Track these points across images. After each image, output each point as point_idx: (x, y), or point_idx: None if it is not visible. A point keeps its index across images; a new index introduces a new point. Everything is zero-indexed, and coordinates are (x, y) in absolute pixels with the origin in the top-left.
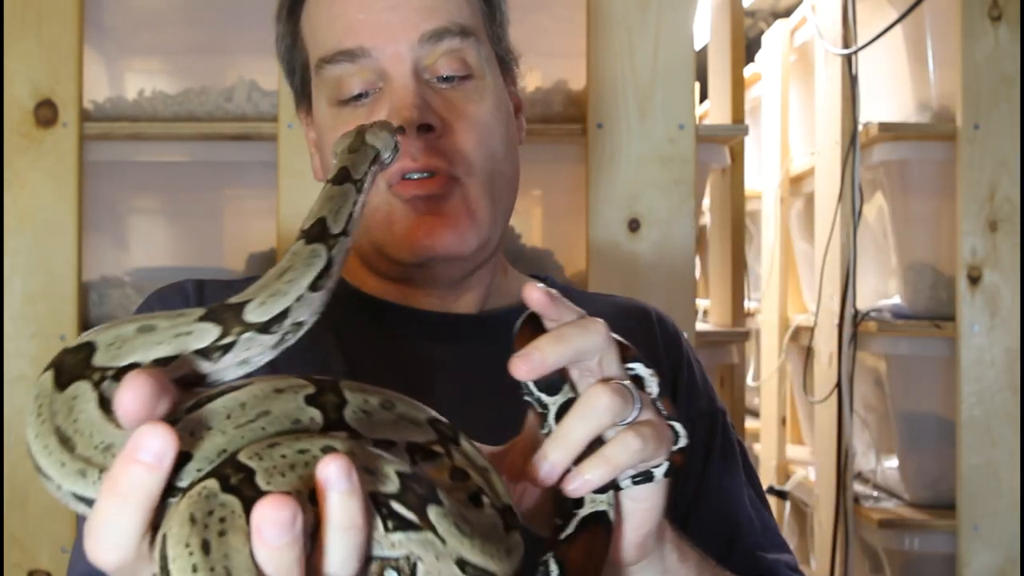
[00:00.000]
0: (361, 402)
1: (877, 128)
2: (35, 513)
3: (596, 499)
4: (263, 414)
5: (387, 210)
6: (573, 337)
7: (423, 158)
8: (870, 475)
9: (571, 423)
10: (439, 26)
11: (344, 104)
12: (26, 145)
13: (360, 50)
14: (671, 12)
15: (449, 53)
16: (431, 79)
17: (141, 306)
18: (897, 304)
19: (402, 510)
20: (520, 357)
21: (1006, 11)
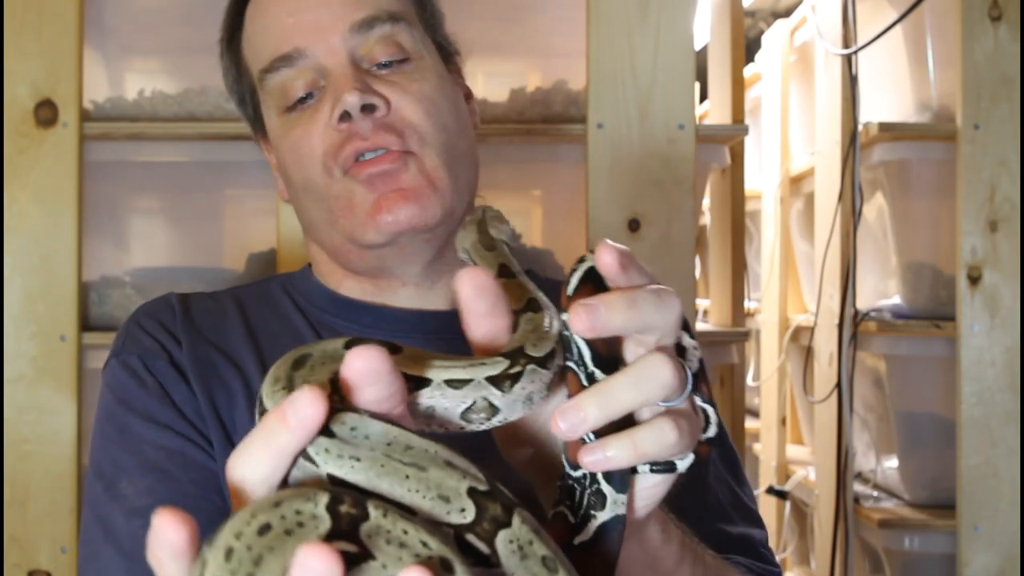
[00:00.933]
0: (524, 541)
1: (877, 128)
2: (35, 513)
3: (618, 500)
4: (417, 467)
5: (347, 196)
6: (646, 306)
7: (373, 136)
8: (870, 475)
9: (621, 385)
10: (368, 15)
11: (291, 110)
12: (26, 145)
13: (296, 52)
14: (671, 12)
15: (383, 39)
16: (370, 67)
17: (129, 321)
18: (897, 304)
19: None
20: (584, 306)
21: (1006, 11)
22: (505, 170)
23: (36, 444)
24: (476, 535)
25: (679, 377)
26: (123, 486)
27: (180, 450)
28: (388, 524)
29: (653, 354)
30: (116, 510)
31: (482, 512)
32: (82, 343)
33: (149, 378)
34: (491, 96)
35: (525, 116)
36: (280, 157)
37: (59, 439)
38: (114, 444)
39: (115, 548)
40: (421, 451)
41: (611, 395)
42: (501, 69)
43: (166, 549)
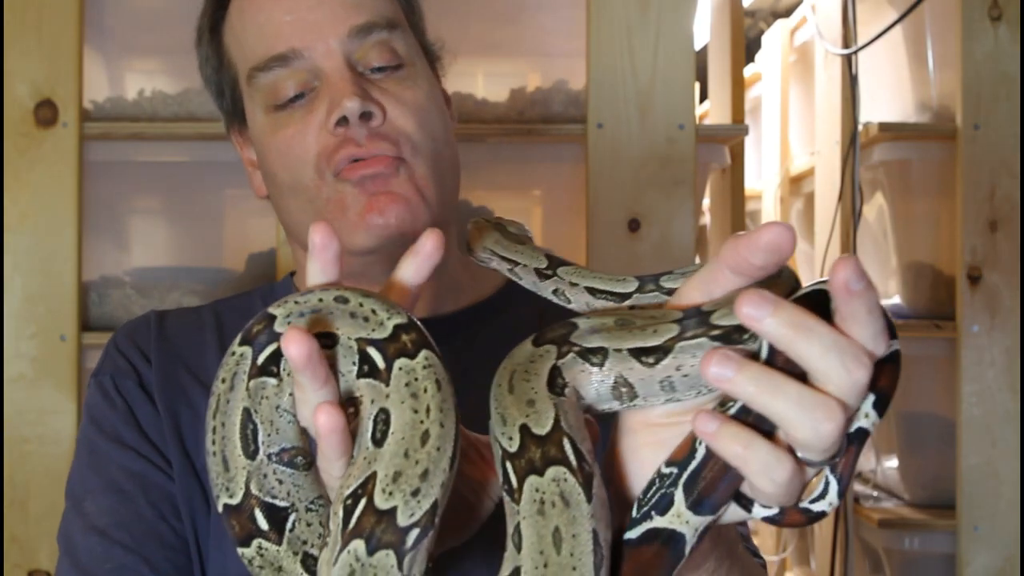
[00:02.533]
0: (550, 494)
1: (877, 128)
2: (35, 513)
3: (683, 515)
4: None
5: (339, 198)
6: (817, 335)
7: (368, 144)
8: (870, 475)
9: (789, 388)
10: (366, 20)
11: (281, 108)
12: (26, 145)
13: (292, 52)
14: (671, 12)
15: (379, 44)
16: (364, 71)
17: (111, 339)
18: (897, 304)
19: None
20: (754, 297)
21: (1006, 11)
22: (505, 170)
23: (36, 444)
24: (512, 465)
25: (837, 439)
26: (87, 504)
27: (141, 472)
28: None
29: (829, 399)
30: (78, 527)
31: (524, 449)
32: (82, 343)
33: (118, 399)
34: (491, 96)
35: (525, 116)
36: (264, 155)
37: (59, 439)
38: (85, 463)
39: (72, 561)
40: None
41: (773, 384)
42: (501, 69)
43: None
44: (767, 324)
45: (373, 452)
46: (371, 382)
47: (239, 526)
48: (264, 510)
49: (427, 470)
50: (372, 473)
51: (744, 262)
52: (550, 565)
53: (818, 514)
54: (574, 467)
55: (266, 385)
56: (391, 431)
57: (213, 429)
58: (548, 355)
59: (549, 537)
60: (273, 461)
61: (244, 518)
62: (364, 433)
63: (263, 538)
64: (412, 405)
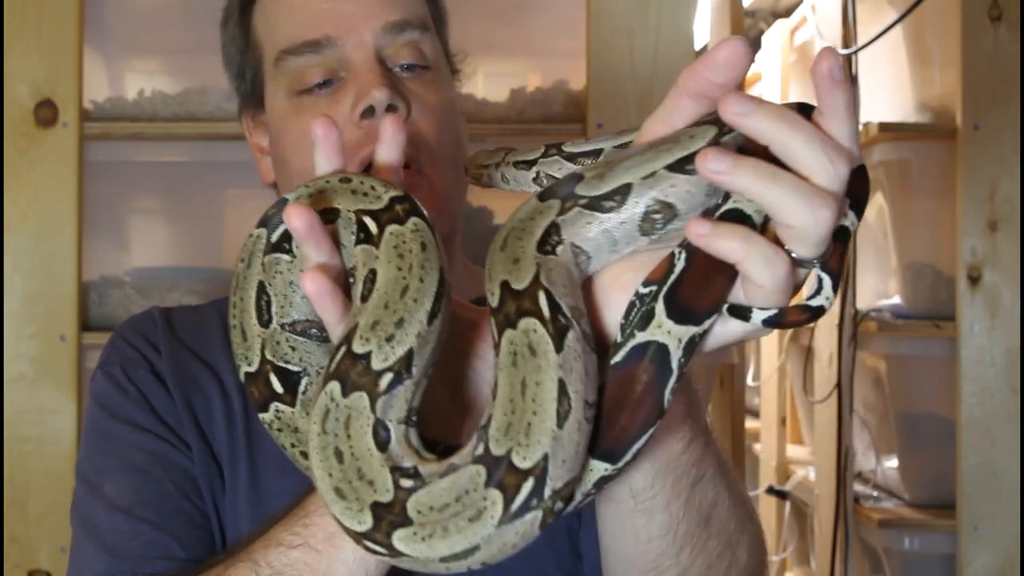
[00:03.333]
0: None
1: (877, 128)
2: (35, 513)
3: (664, 324)
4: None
5: None
6: (800, 128)
7: None
8: (870, 475)
9: (782, 175)
10: (402, 18)
11: (305, 93)
12: (26, 145)
13: (326, 39)
14: (671, 12)
15: (409, 44)
16: (393, 67)
17: (113, 334)
18: (897, 304)
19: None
20: (738, 97)
21: (1006, 11)
22: None
23: (36, 444)
24: (494, 321)
25: (830, 229)
26: (107, 487)
27: (161, 452)
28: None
29: (821, 188)
30: (99, 508)
31: (503, 304)
32: (82, 343)
33: (131, 387)
34: (491, 96)
35: (525, 116)
36: (280, 139)
37: (59, 439)
38: (98, 450)
39: (97, 543)
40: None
41: (770, 172)
42: (501, 69)
43: (299, 232)
44: (754, 119)
45: (359, 307)
46: (365, 247)
47: (257, 392)
48: (278, 374)
49: (402, 319)
50: (355, 324)
51: (704, 82)
52: (516, 411)
53: (817, 309)
54: (546, 319)
55: (279, 261)
56: (376, 287)
57: (233, 304)
58: (549, 211)
59: (518, 386)
60: (286, 330)
61: (261, 384)
62: (355, 293)
63: (279, 401)
64: (397, 264)
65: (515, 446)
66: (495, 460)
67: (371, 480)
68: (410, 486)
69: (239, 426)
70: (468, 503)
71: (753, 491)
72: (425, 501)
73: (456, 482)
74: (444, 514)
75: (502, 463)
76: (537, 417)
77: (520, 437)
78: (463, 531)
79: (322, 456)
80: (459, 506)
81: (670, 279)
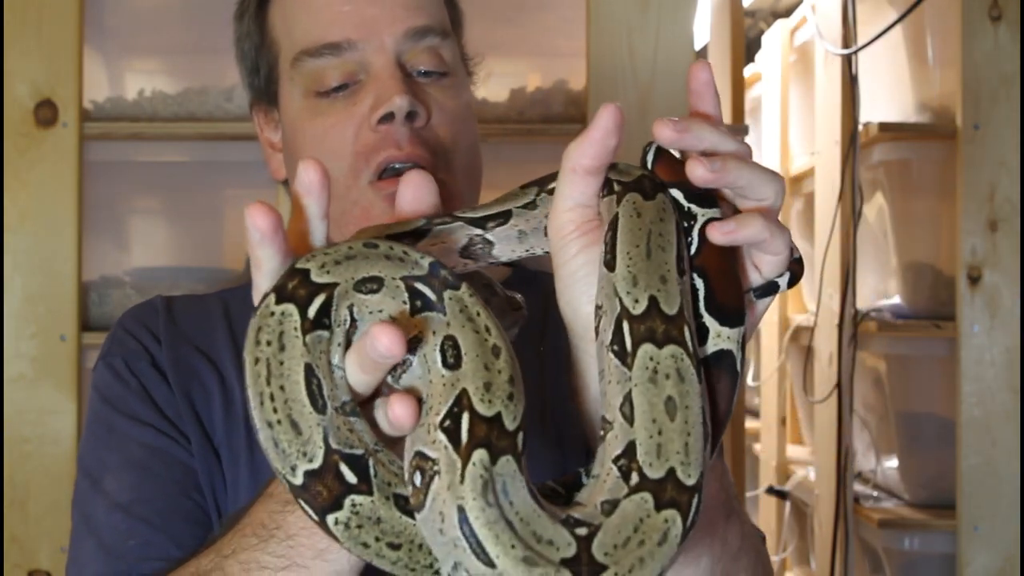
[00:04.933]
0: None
1: (877, 128)
2: (35, 513)
3: (722, 333)
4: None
5: (366, 206)
6: (732, 153)
7: (408, 147)
8: (870, 475)
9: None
10: (424, 24)
11: (322, 95)
12: (26, 145)
13: (346, 43)
14: (671, 12)
15: (429, 50)
16: (412, 72)
17: (116, 324)
18: (897, 304)
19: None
20: (667, 121)
21: (1006, 11)
22: (505, 170)
23: (36, 444)
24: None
25: (778, 231)
26: (107, 483)
27: (162, 447)
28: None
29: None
30: (99, 505)
31: (647, 317)
32: (82, 343)
33: (132, 379)
34: (491, 96)
35: (525, 116)
36: (294, 139)
37: (59, 439)
38: (100, 443)
39: (96, 541)
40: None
41: (738, 162)
42: (501, 69)
43: (255, 235)
44: (710, 144)
45: (451, 376)
46: (428, 315)
47: (326, 490)
48: (348, 463)
49: (512, 376)
50: (463, 390)
51: (595, 161)
52: (664, 432)
53: (798, 259)
54: (691, 352)
55: (322, 339)
56: (463, 352)
57: (271, 396)
58: (677, 225)
59: (662, 405)
60: (340, 414)
61: (330, 478)
62: (433, 363)
63: (355, 493)
64: (472, 327)
65: (678, 465)
66: (657, 483)
67: (550, 540)
68: (585, 533)
69: (239, 419)
70: (648, 530)
71: (753, 491)
72: (608, 542)
73: (625, 515)
74: (631, 547)
75: (667, 484)
76: (692, 438)
77: (681, 456)
78: (656, 556)
79: (496, 531)
80: (641, 535)
81: (701, 297)
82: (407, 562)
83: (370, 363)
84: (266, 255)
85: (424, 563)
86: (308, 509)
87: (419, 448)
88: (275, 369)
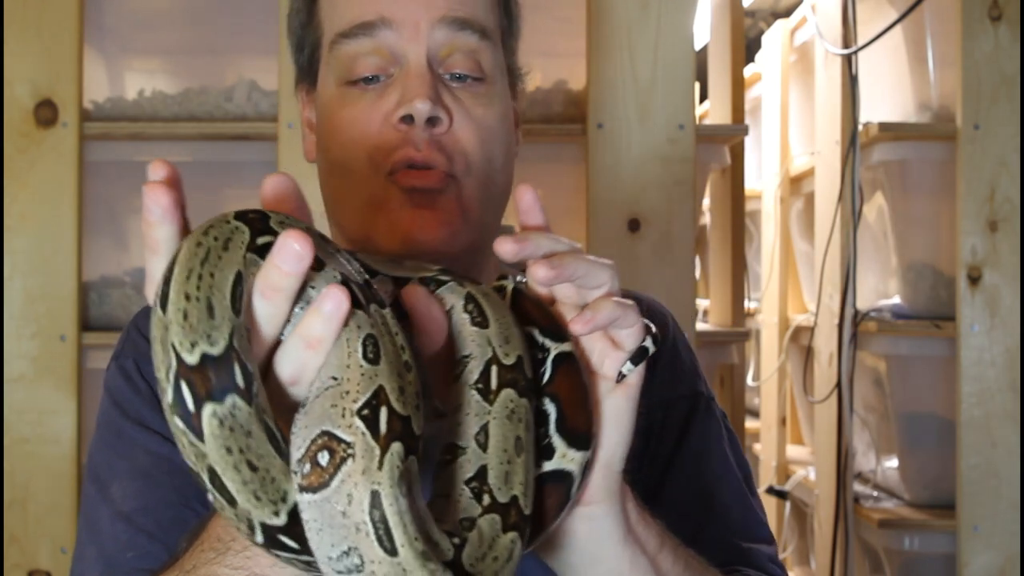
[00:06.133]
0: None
1: (877, 128)
2: (35, 513)
3: (568, 455)
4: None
5: (383, 197)
6: (568, 252)
7: (426, 150)
8: (870, 475)
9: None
10: (464, 15)
11: (353, 84)
12: (26, 145)
13: (381, 20)
14: (671, 12)
15: (465, 51)
16: (444, 74)
17: (130, 323)
18: (897, 304)
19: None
20: (507, 238)
21: (1006, 11)
22: None
23: (36, 444)
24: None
25: (622, 311)
26: (114, 489)
27: (168, 456)
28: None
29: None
30: (104, 513)
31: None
32: (82, 343)
33: (142, 382)
34: None
35: (525, 116)
36: (323, 125)
37: (59, 439)
38: (109, 447)
39: (98, 550)
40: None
41: (574, 259)
42: None
43: (155, 211)
44: (548, 248)
45: (370, 369)
46: (355, 311)
47: (216, 379)
48: (241, 368)
49: (418, 392)
50: (380, 386)
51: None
52: (512, 463)
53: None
54: (531, 403)
55: (257, 264)
56: (381, 353)
57: (199, 276)
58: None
59: (512, 440)
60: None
61: (223, 370)
62: (354, 351)
63: (239, 396)
64: (391, 340)
65: (520, 495)
66: (504, 507)
67: (437, 542)
68: (457, 543)
69: None
70: (499, 548)
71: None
72: (472, 554)
73: (482, 532)
74: (487, 561)
75: (511, 509)
76: (529, 477)
77: (523, 489)
78: (505, 571)
79: (405, 521)
80: (495, 552)
81: (552, 420)
82: (257, 488)
83: (273, 284)
84: (164, 235)
85: (270, 498)
86: (188, 393)
87: (328, 428)
88: (212, 258)
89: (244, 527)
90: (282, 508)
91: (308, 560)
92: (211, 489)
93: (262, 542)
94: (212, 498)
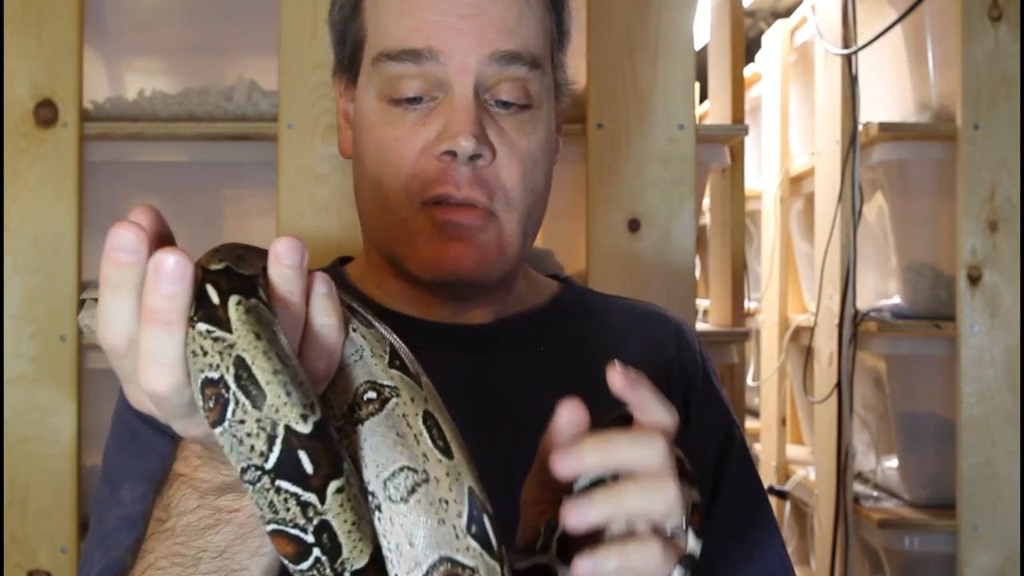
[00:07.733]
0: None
1: (877, 128)
2: (35, 513)
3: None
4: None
5: (415, 227)
6: (620, 447)
7: (467, 188)
8: (870, 475)
9: (624, 450)
10: (513, 50)
11: (395, 103)
12: (26, 145)
13: (429, 52)
14: (671, 12)
15: (514, 80)
16: (489, 100)
17: None
18: (897, 304)
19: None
20: (561, 454)
21: (1006, 11)
22: None
23: (36, 444)
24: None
25: (664, 554)
26: (124, 492)
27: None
28: None
29: (647, 540)
30: (113, 515)
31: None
32: (82, 343)
33: None
34: None
35: None
36: (360, 136)
37: (59, 439)
38: (123, 448)
39: (103, 551)
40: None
41: (606, 441)
42: None
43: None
44: (594, 464)
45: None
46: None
47: (240, 280)
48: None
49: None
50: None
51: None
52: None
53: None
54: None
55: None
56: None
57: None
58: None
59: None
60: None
61: (246, 279)
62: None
63: (261, 298)
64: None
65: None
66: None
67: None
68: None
69: None
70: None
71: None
72: None
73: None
74: None
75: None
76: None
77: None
78: None
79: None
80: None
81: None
82: (288, 380)
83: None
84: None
85: (300, 399)
86: (213, 291)
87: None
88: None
89: (261, 441)
90: (311, 415)
91: (306, 501)
92: (236, 390)
93: (275, 462)
94: (234, 407)
